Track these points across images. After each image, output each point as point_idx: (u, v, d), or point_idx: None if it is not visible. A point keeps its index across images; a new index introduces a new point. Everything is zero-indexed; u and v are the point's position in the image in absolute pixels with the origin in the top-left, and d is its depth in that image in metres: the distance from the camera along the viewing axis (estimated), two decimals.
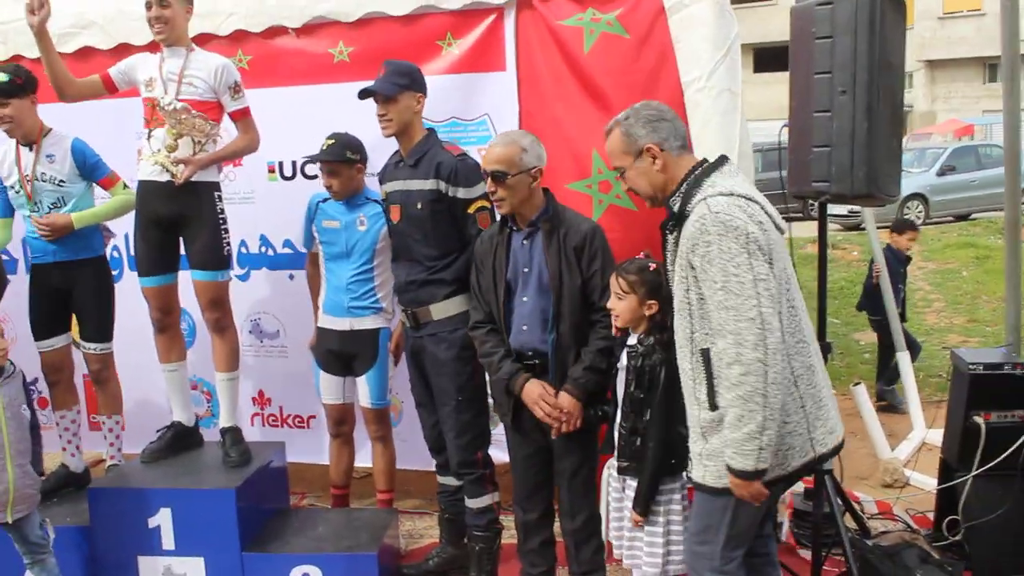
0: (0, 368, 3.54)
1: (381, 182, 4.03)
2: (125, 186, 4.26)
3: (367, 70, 4.42)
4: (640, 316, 3.18)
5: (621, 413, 3.23)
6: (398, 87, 3.73)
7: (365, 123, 4.08)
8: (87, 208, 4.22)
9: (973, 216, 16.93)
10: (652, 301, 3.14)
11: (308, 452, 4.91)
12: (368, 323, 4.24)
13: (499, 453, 4.03)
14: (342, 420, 4.43)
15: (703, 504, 2.83)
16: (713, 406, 2.67)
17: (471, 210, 3.74)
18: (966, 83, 33.44)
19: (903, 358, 6.36)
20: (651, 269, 3.16)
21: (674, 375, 2.92)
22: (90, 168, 4.19)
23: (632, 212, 4.18)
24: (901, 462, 5.46)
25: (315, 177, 4.58)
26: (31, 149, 4.13)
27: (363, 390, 4.30)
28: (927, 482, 4.98)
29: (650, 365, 3.11)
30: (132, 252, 4.51)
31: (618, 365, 3.27)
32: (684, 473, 3.04)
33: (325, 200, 4.29)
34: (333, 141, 4.15)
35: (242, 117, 4.14)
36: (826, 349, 3.72)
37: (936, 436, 5.63)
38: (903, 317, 7.24)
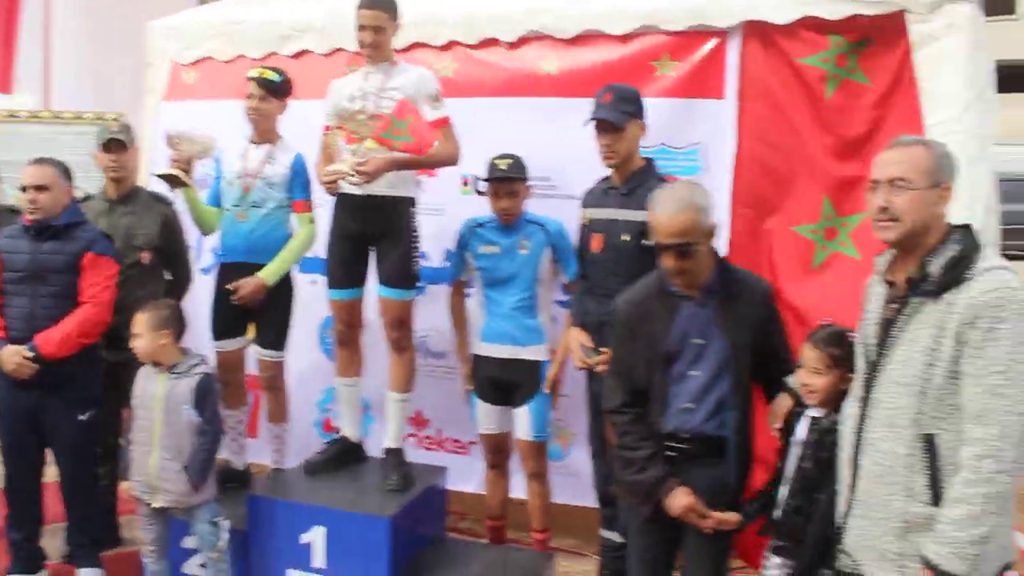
0: (176, 364, 3.64)
1: (583, 207, 3.82)
2: (311, 220, 4.24)
3: (573, 86, 4.38)
4: (838, 391, 2.83)
5: (789, 489, 2.92)
6: (627, 115, 3.50)
7: (567, 139, 3.96)
8: (279, 216, 4.21)
9: None
10: (850, 374, 2.77)
11: (465, 479, 4.70)
12: (530, 353, 4.02)
13: None
14: (499, 451, 4.22)
15: None
16: (935, 500, 2.34)
17: None
18: None
19: None
20: (850, 340, 2.81)
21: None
22: (298, 185, 4.20)
23: (855, 261, 3.90)
24: None
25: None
26: (258, 148, 4.22)
27: (521, 422, 4.06)
28: None
29: (831, 442, 2.77)
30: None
31: (796, 438, 2.95)
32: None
33: (480, 225, 4.11)
34: (512, 160, 3.96)
35: (442, 126, 4.01)
36: None
37: None
38: None
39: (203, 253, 5.16)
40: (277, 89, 4.15)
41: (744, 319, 2.96)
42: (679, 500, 2.94)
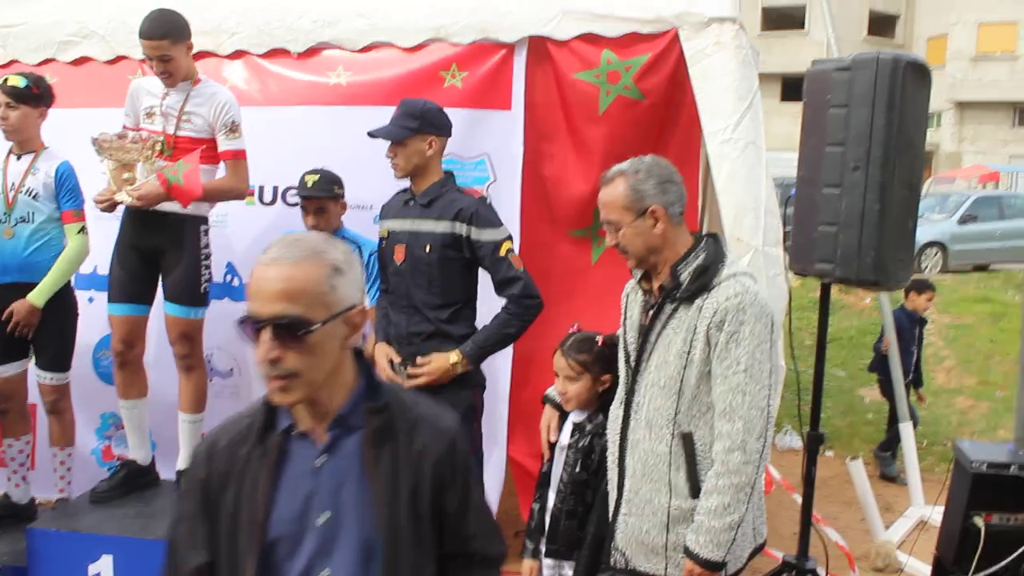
0: None
1: (381, 218, 3.77)
2: (82, 230, 4.08)
3: (363, 95, 4.40)
4: (594, 394, 3.00)
5: (558, 495, 3.02)
6: (407, 131, 3.50)
7: (355, 150, 3.93)
8: (52, 230, 4.05)
9: (993, 267, 16.55)
10: (606, 376, 2.96)
11: None
12: None
13: None
14: None
15: None
16: (694, 493, 2.55)
17: (503, 252, 3.42)
18: (995, 126, 32.97)
19: (905, 429, 6.06)
20: (600, 344, 2.99)
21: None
22: (63, 194, 4.03)
23: None
24: (894, 545, 5.18)
25: (296, 205, 4.31)
26: (19, 160, 4.04)
27: None
28: (922, 570, 4.72)
29: (600, 446, 2.91)
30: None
31: (560, 443, 3.07)
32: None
33: None
34: (318, 176, 3.93)
35: (232, 158, 3.94)
36: (819, 440, 3.59)
37: (933, 513, 5.40)
38: (918, 382, 6.97)
39: None
40: (27, 96, 3.96)
41: (408, 474, 1.79)
42: None
